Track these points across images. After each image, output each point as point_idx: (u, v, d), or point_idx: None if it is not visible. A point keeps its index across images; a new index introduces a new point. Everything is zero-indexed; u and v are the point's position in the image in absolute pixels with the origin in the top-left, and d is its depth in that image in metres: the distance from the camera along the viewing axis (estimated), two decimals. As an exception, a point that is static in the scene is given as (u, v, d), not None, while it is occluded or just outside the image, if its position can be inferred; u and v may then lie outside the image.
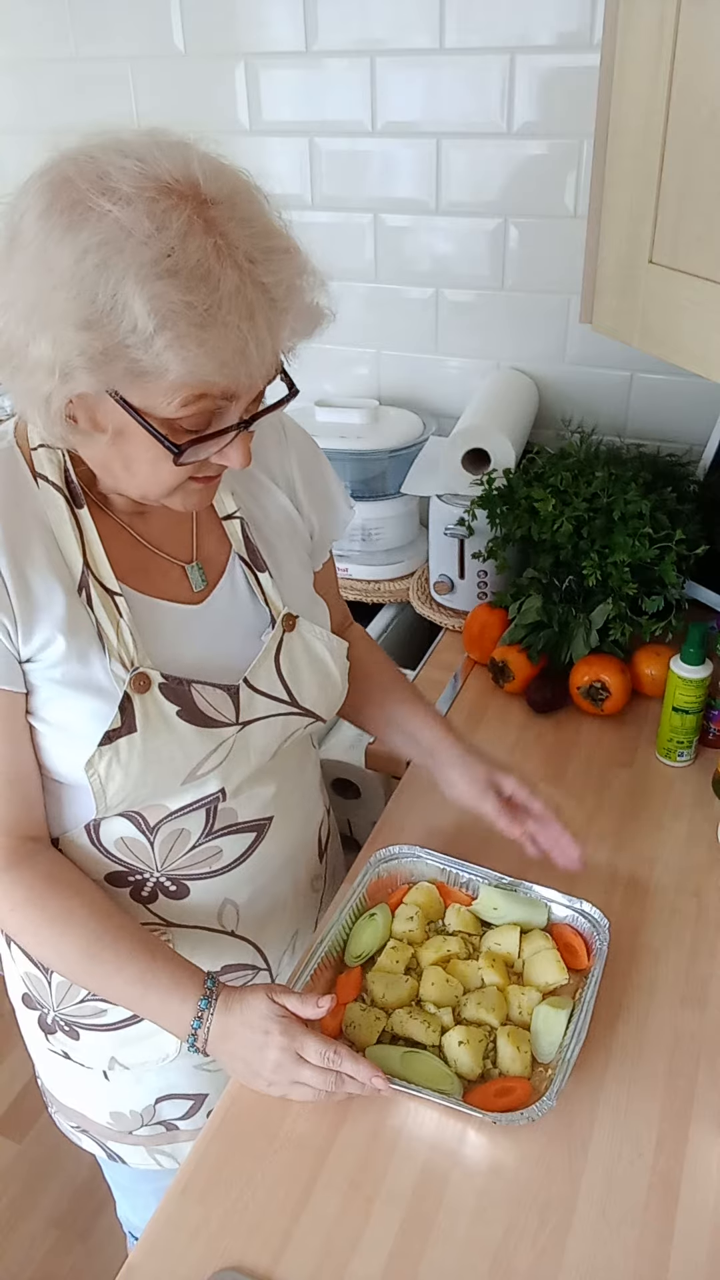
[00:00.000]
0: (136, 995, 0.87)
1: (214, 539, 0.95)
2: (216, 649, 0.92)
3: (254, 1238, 0.79)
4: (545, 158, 1.51)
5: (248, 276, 0.70)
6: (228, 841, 0.96)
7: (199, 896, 0.98)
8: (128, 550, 0.89)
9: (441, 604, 1.63)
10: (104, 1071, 1.04)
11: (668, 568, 1.32)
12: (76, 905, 0.88)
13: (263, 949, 1.06)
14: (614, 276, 1.10)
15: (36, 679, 0.84)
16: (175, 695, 0.87)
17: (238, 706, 0.91)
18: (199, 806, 0.92)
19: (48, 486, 0.84)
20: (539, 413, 1.70)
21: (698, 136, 0.94)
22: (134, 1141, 1.11)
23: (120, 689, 0.84)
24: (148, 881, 0.95)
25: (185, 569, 0.92)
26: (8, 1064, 1.99)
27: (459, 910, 1.03)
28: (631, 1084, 0.90)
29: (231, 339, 0.69)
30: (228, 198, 0.71)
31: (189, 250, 0.67)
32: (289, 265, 0.74)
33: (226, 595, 0.94)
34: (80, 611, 0.84)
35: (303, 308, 0.76)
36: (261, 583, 0.95)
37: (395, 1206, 0.81)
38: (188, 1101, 1.08)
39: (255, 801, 0.97)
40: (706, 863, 1.13)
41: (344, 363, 1.83)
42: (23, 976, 1.04)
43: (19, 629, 0.81)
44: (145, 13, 1.63)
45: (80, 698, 0.84)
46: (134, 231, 0.67)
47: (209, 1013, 0.85)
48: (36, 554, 0.82)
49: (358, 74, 1.56)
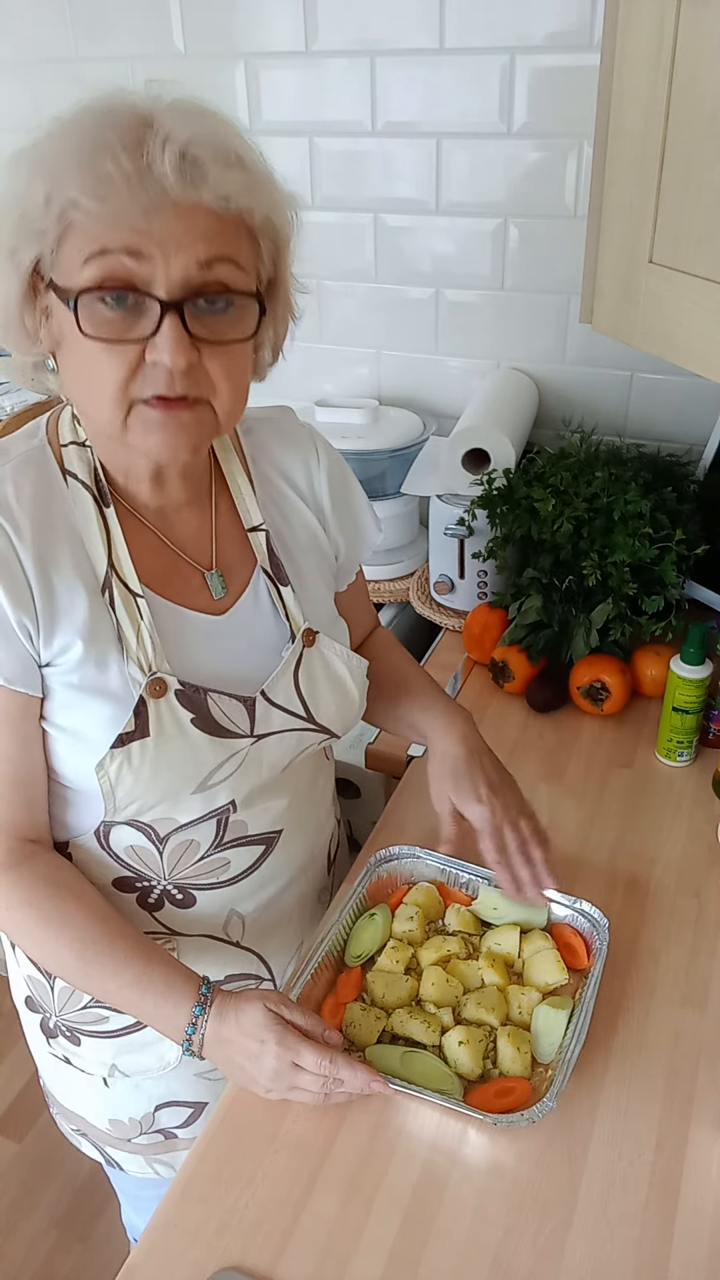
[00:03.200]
0: (132, 999, 0.87)
1: (238, 549, 0.94)
2: (236, 661, 0.91)
3: (254, 1238, 0.79)
4: (545, 158, 1.51)
5: (148, 120, 0.72)
6: (236, 853, 0.96)
7: (205, 906, 0.97)
8: (152, 554, 0.89)
9: (441, 604, 1.64)
10: (104, 1078, 1.04)
11: (668, 568, 1.32)
12: (73, 908, 0.87)
13: (267, 960, 1.05)
14: (614, 276, 1.10)
15: (53, 683, 0.83)
16: (191, 703, 0.87)
17: (253, 719, 0.90)
18: (210, 818, 0.92)
19: (76, 485, 0.84)
20: (539, 413, 1.70)
21: (698, 137, 0.94)
22: (132, 1149, 1.10)
23: (136, 692, 0.84)
24: (154, 889, 0.95)
25: (205, 575, 0.92)
26: (8, 1063, 1.99)
27: (459, 910, 1.03)
28: (631, 1084, 0.90)
29: (102, 157, 0.69)
30: (174, 104, 0.73)
31: (93, 112, 0.72)
32: (209, 125, 0.72)
33: (249, 608, 0.93)
34: (102, 613, 0.83)
35: (232, 173, 0.72)
36: (284, 597, 0.94)
37: (395, 1207, 0.81)
38: (187, 1109, 1.08)
39: (266, 814, 0.97)
40: (706, 863, 1.13)
41: (344, 363, 1.83)
42: (26, 979, 1.04)
43: (41, 633, 0.81)
44: (145, 13, 1.63)
45: (95, 703, 0.84)
46: (62, 122, 0.72)
47: (203, 1019, 0.84)
48: (62, 556, 0.82)
49: (358, 74, 1.56)
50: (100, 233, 0.71)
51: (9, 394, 2.02)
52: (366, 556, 1.08)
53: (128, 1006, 0.89)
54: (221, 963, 1.01)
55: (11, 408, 2.00)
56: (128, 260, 0.71)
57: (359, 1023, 0.92)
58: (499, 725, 1.37)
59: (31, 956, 0.97)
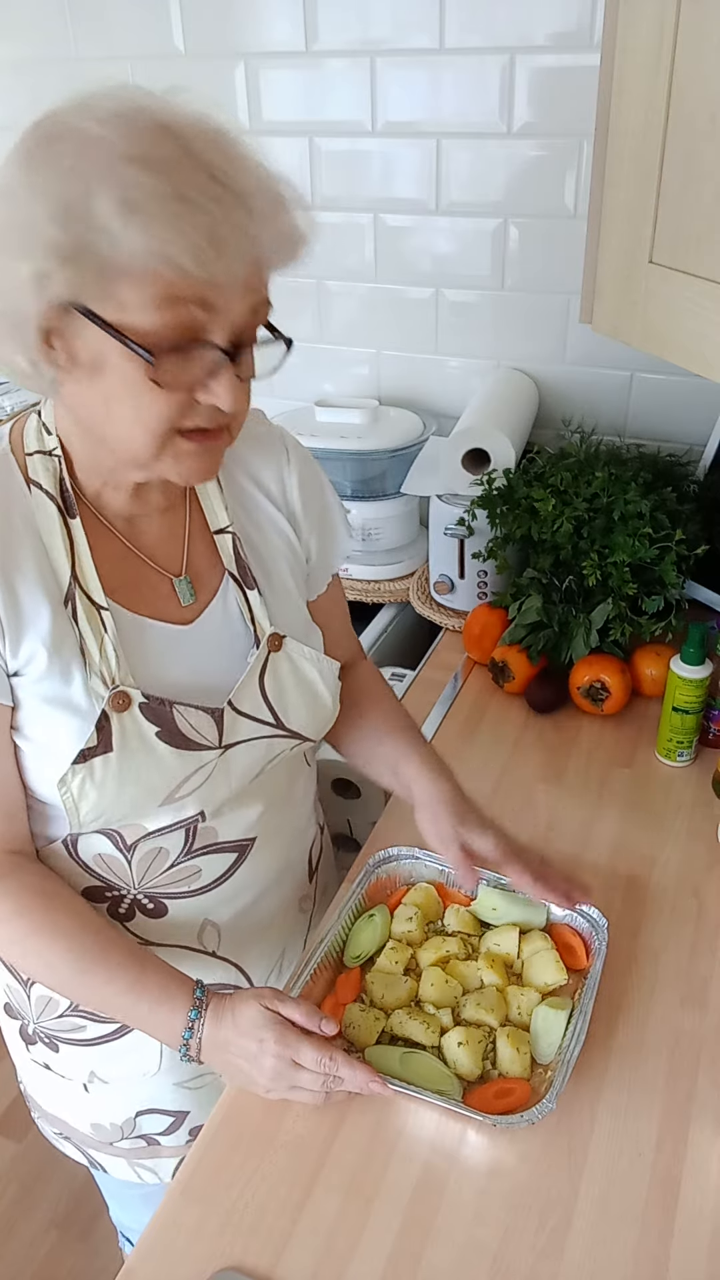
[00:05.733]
0: (126, 1006, 0.86)
1: (206, 554, 0.92)
2: (203, 670, 0.90)
3: (254, 1238, 0.79)
4: (545, 158, 1.51)
5: (220, 179, 0.69)
6: (207, 861, 0.94)
7: (177, 916, 0.96)
8: (118, 563, 0.87)
9: (441, 604, 1.63)
10: (84, 1084, 1.04)
11: (668, 568, 1.32)
12: (64, 918, 0.86)
13: (246, 970, 1.03)
14: (614, 276, 1.10)
15: (21, 694, 0.82)
16: (156, 716, 0.85)
17: (221, 729, 0.89)
18: (178, 827, 0.90)
19: (40, 494, 0.82)
20: (539, 413, 1.70)
21: (698, 137, 0.94)
22: (115, 1153, 1.10)
23: (99, 706, 0.82)
24: (124, 898, 0.93)
25: (174, 582, 0.90)
26: (7, 1063, 1.98)
27: (458, 911, 1.03)
28: (631, 1084, 0.90)
29: (201, 220, 0.67)
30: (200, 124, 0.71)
31: (161, 148, 0.68)
32: (266, 182, 0.72)
33: (218, 615, 0.91)
34: (65, 624, 0.82)
35: (282, 219, 0.73)
36: (250, 601, 0.92)
37: (395, 1207, 0.81)
38: (168, 1118, 1.07)
39: (238, 822, 0.95)
40: (706, 863, 1.13)
41: (344, 363, 1.83)
42: (4, 987, 1.03)
43: (7, 641, 0.80)
44: (145, 13, 1.63)
45: (59, 715, 0.82)
46: (106, 136, 0.67)
47: (199, 1023, 0.84)
48: (26, 565, 0.81)
49: (358, 74, 1.56)
50: (175, 282, 0.69)
51: (9, 394, 2.02)
52: (339, 561, 1.05)
53: (123, 1013, 0.88)
54: (198, 974, 0.96)
55: (11, 407, 2.00)
56: (198, 311, 0.71)
57: (358, 1024, 0.92)
58: (499, 725, 1.37)
59: (23, 968, 0.96)
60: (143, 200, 0.66)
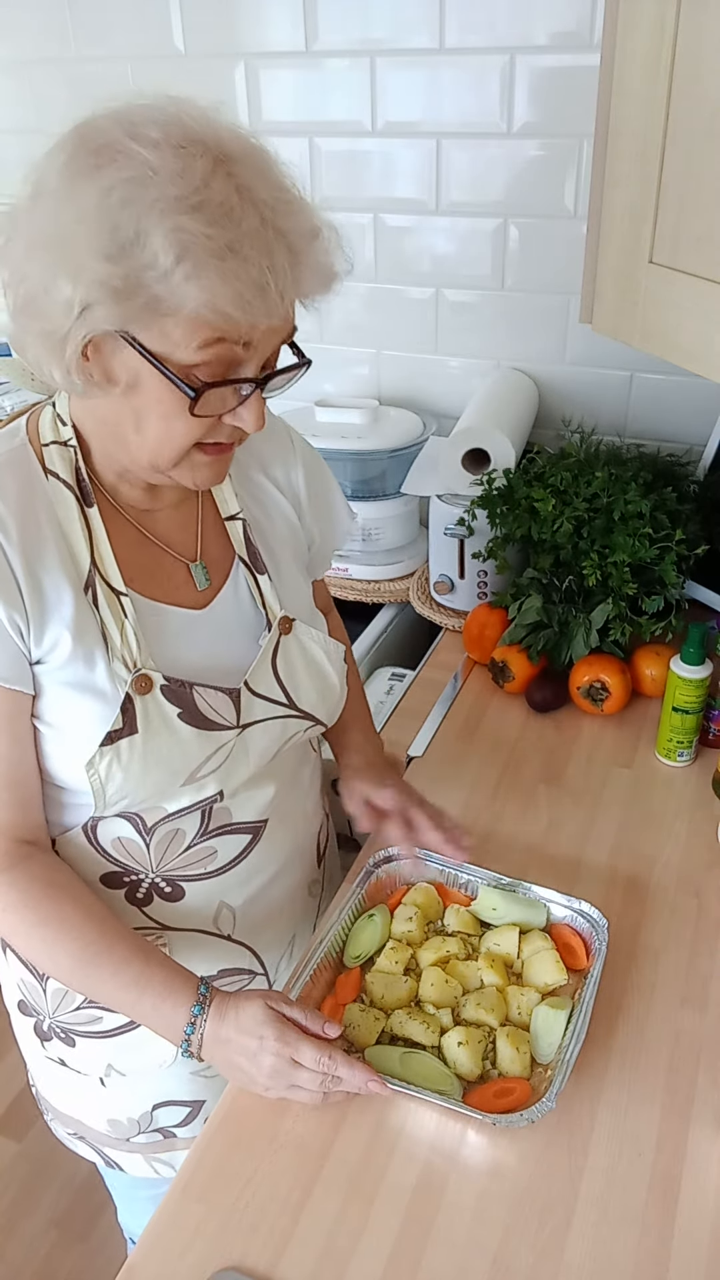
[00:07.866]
0: (130, 1000, 0.87)
1: (218, 540, 0.96)
2: (218, 653, 0.92)
3: (254, 1238, 0.79)
4: (545, 158, 1.51)
5: (268, 221, 0.72)
6: (223, 842, 0.96)
7: (194, 899, 0.98)
8: (135, 550, 0.89)
9: (441, 604, 1.63)
10: (100, 1078, 1.04)
11: (668, 568, 1.32)
12: (70, 910, 0.87)
13: (259, 954, 1.05)
14: (614, 276, 1.10)
15: (44, 681, 0.84)
16: (177, 697, 0.87)
17: (238, 709, 0.91)
18: (196, 809, 0.92)
19: (58, 484, 0.85)
20: (539, 413, 1.70)
21: (698, 137, 0.94)
22: (131, 1149, 1.10)
23: (122, 690, 0.84)
24: (142, 882, 0.95)
25: (190, 568, 0.93)
26: (7, 1063, 1.98)
27: (458, 911, 1.03)
28: (631, 1084, 0.90)
29: (251, 273, 0.70)
30: (246, 154, 0.73)
31: (213, 190, 0.69)
32: (305, 216, 0.76)
33: (230, 599, 0.95)
34: (86, 611, 0.84)
35: (320, 258, 0.77)
36: (260, 585, 0.96)
37: (395, 1207, 0.81)
38: (185, 1108, 1.08)
39: (252, 803, 0.97)
40: (706, 863, 1.13)
41: (344, 363, 1.83)
42: (18, 983, 1.03)
43: (31, 629, 0.82)
44: (145, 13, 1.63)
45: (83, 700, 0.84)
46: (159, 170, 0.69)
47: (202, 1019, 0.85)
48: (48, 555, 0.83)
49: (358, 74, 1.56)
50: (221, 326, 0.72)
51: (9, 394, 2.02)
52: (342, 545, 1.12)
53: (126, 1008, 0.89)
54: (214, 958, 1.01)
55: (11, 407, 2.00)
56: (239, 350, 0.75)
57: (358, 1024, 0.92)
58: (499, 725, 1.37)
59: (28, 959, 0.97)
60: (198, 252, 0.68)
